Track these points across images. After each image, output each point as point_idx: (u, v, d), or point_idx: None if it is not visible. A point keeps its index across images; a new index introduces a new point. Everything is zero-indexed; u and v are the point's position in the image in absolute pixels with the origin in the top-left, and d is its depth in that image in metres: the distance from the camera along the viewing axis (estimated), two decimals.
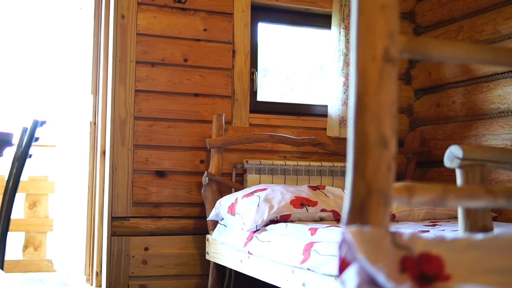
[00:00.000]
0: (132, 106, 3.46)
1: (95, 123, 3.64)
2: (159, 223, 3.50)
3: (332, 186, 3.58)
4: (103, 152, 3.52)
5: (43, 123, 3.13)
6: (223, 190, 3.49)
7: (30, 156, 3.18)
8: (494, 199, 1.23)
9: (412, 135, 4.03)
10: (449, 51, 1.22)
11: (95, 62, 3.67)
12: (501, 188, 1.25)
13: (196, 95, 3.60)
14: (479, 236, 1.15)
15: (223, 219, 3.27)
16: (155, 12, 3.53)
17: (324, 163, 3.71)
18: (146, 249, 3.45)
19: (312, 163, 3.69)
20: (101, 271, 3.48)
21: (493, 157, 1.75)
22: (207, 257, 3.42)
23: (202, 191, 3.47)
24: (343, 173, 3.69)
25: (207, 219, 3.39)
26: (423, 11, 4.05)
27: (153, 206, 3.49)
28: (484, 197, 1.23)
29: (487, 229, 1.69)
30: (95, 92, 3.66)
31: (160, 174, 3.51)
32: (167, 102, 3.54)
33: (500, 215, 3.36)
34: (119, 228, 3.41)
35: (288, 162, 3.64)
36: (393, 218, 3.13)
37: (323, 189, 3.30)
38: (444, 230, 2.67)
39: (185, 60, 3.57)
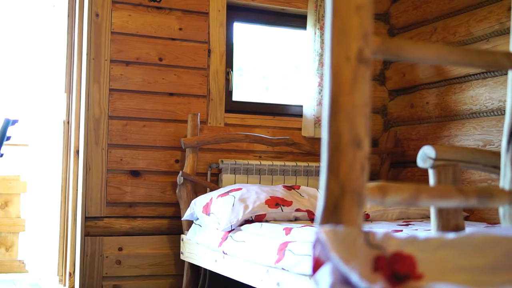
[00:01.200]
0: (106, 105, 3.43)
1: (68, 122, 3.60)
2: (133, 223, 3.47)
3: (307, 186, 3.60)
4: (77, 152, 3.48)
5: (15, 121, 3.09)
6: (198, 190, 3.48)
7: (2, 155, 3.14)
8: (465, 199, 1.25)
9: (386, 135, 4.07)
10: (422, 53, 1.24)
11: (69, 60, 3.63)
12: (472, 188, 1.26)
13: (171, 94, 3.58)
14: (451, 235, 1.16)
15: (198, 219, 3.26)
16: (130, 10, 3.50)
17: (299, 163, 3.73)
18: (120, 249, 3.42)
19: (287, 163, 3.70)
20: (74, 271, 3.44)
21: (465, 158, 1.77)
22: (182, 257, 3.41)
23: (177, 191, 3.45)
24: (318, 173, 3.71)
25: (182, 219, 3.38)
26: (397, 13, 4.08)
27: (127, 206, 3.46)
28: (456, 197, 1.24)
29: (459, 228, 1.71)
30: (69, 90, 3.62)
31: (135, 173, 3.48)
32: (142, 101, 3.51)
33: (472, 215, 3.41)
34: (93, 228, 3.38)
35: (263, 162, 3.65)
36: (367, 218, 3.15)
37: (298, 189, 3.31)
38: (417, 229, 2.70)
39: (160, 59, 3.56)
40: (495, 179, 3.18)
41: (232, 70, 3.79)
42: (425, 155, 1.75)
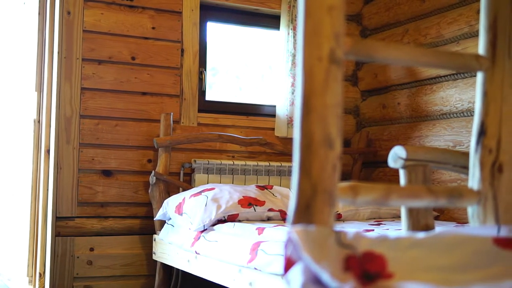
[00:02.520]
0: (78, 104, 3.39)
1: (39, 121, 3.55)
2: (105, 223, 3.44)
3: (280, 186, 3.61)
4: (48, 151, 3.44)
5: None
6: (170, 190, 3.46)
7: None
8: (435, 198, 1.26)
9: (358, 135, 4.10)
10: (393, 54, 1.25)
11: (40, 59, 3.58)
12: (442, 188, 1.28)
13: (144, 93, 3.56)
14: (421, 235, 1.18)
15: (170, 218, 3.24)
16: (102, 9, 3.47)
17: (272, 163, 3.73)
18: (91, 249, 3.39)
19: (260, 163, 3.70)
20: (44, 272, 3.40)
21: (435, 158, 1.80)
22: (154, 257, 3.39)
23: (149, 190, 3.43)
24: (290, 173, 3.71)
25: (154, 219, 3.36)
26: (370, 14, 4.12)
27: (99, 206, 3.43)
28: (426, 197, 1.25)
29: (429, 228, 1.73)
30: (40, 89, 3.57)
31: (107, 173, 3.45)
32: (114, 100, 3.48)
33: (442, 214, 3.45)
34: (64, 228, 3.34)
35: (236, 162, 3.65)
36: (339, 218, 3.17)
37: (271, 188, 3.31)
38: (388, 229, 2.72)
39: (133, 58, 3.53)
40: (464, 179, 3.23)
41: (205, 70, 3.78)
42: (396, 155, 1.76)
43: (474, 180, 1.33)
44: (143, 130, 3.54)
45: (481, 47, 1.35)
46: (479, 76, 1.35)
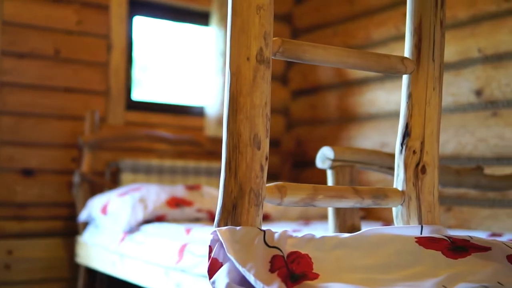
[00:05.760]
0: None
1: None
2: (24, 224, 3.30)
3: (209, 186, 3.58)
4: None
5: None
6: (95, 190, 3.37)
7: None
8: (361, 199, 1.27)
9: (287, 136, 4.12)
10: (320, 55, 1.25)
11: None
12: (368, 189, 1.29)
13: (68, 90, 3.44)
14: (346, 235, 1.18)
15: (95, 220, 3.15)
16: (24, 0, 3.33)
17: (201, 163, 3.70)
18: (9, 252, 3.24)
19: (189, 163, 3.66)
20: None
21: (362, 159, 1.82)
22: (77, 260, 3.29)
23: (73, 191, 3.33)
24: (220, 173, 3.69)
25: (78, 220, 3.25)
26: (300, 14, 4.15)
27: (18, 207, 3.28)
28: (352, 197, 1.26)
29: (355, 228, 1.75)
30: None
31: (27, 172, 3.31)
32: (36, 96, 3.35)
33: (369, 214, 3.52)
34: None
35: (164, 162, 3.59)
36: (268, 217, 3.18)
37: (200, 189, 3.28)
38: (316, 229, 2.75)
39: (57, 53, 3.41)
40: (391, 180, 3.30)
41: (134, 67, 3.70)
42: (324, 156, 1.78)
43: (398, 180, 1.35)
44: (67, 128, 3.43)
45: (407, 50, 1.37)
46: (404, 78, 1.37)
